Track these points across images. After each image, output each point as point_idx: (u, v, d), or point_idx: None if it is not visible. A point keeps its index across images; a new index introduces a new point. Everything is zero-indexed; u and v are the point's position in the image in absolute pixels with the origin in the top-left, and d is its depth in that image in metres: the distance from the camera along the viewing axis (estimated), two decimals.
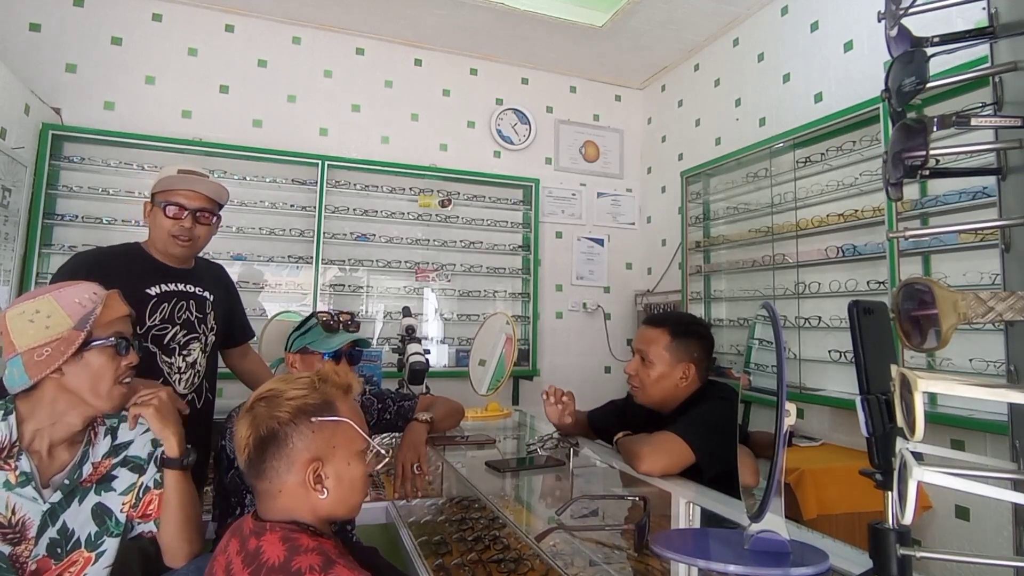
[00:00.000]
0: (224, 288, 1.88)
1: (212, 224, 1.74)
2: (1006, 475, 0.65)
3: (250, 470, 0.98)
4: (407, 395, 1.92)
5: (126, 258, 1.69)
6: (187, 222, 1.66)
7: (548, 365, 3.89)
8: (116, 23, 3.22)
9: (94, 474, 1.18)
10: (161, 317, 1.65)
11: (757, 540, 0.89)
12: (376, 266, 3.54)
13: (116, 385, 1.15)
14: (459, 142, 3.88)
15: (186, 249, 1.70)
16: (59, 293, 1.13)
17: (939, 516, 2.16)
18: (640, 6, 3.24)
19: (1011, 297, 0.62)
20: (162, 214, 1.65)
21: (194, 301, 1.74)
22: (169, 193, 1.66)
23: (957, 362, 2.02)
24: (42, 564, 1.09)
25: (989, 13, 0.76)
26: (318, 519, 0.98)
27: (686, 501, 1.23)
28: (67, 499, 1.14)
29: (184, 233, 1.67)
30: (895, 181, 0.77)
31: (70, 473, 1.15)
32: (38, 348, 1.08)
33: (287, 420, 0.97)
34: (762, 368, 1.01)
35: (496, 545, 1.52)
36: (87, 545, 1.15)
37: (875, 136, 2.37)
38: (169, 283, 1.69)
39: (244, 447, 0.98)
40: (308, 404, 0.99)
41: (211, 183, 1.71)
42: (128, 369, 1.18)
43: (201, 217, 1.69)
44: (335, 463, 0.98)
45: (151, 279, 1.67)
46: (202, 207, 1.69)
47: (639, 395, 1.70)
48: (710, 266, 3.41)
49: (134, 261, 1.69)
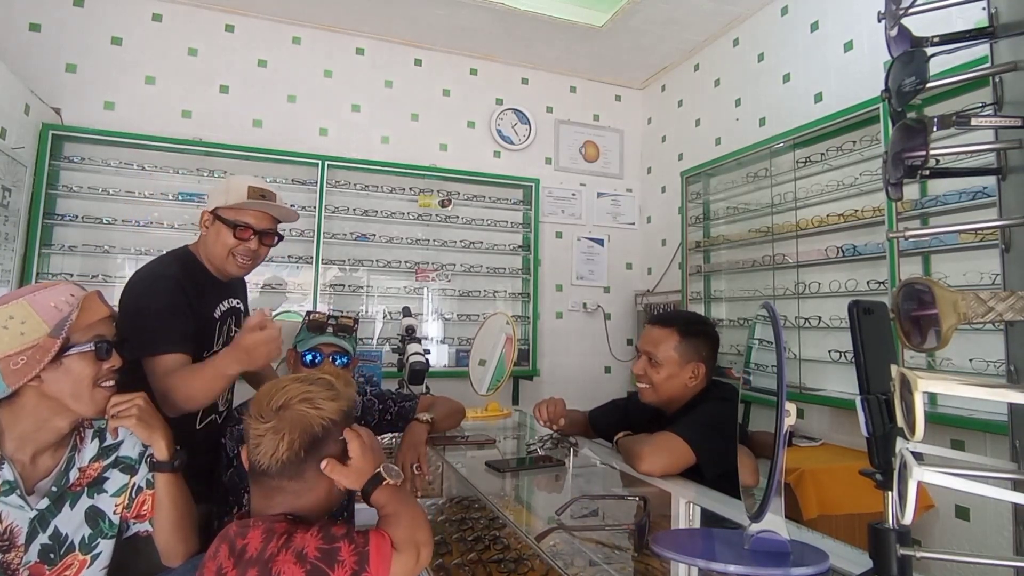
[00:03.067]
0: (246, 293, 1.87)
1: (273, 245, 1.68)
2: (1006, 475, 0.65)
3: (284, 471, 0.99)
4: (408, 395, 1.92)
5: (192, 273, 1.58)
6: (253, 243, 1.58)
7: (548, 365, 3.89)
8: (116, 23, 3.23)
9: (84, 478, 1.17)
10: (222, 341, 1.59)
11: (757, 540, 0.89)
12: (376, 266, 3.54)
13: (97, 389, 1.13)
14: (459, 142, 3.88)
15: (243, 270, 1.63)
16: (34, 297, 1.10)
17: (939, 516, 2.17)
18: (640, 6, 3.24)
19: (1011, 297, 0.62)
20: (228, 232, 1.56)
21: (234, 316, 1.70)
22: (239, 212, 1.57)
23: (957, 362, 2.02)
24: (35, 570, 1.09)
25: (989, 13, 0.76)
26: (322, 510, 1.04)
27: (686, 501, 1.23)
28: (56, 504, 1.12)
29: (248, 255, 1.59)
30: (895, 181, 0.77)
31: (56, 479, 1.13)
32: (13, 356, 1.04)
33: (336, 420, 1.02)
34: (762, 368, 1.01)
35: (496, 545, 1.52)
36: (81, 548, 1.14)
37: (875, 136, 2.37)
38: (224, 301, 1.64)
39: (284, 449, 0.97)
40: (347, 406, 1.05)
41: (284, 210, 1.64)
42: (111, 372, 1.15)
43: (265, 239, 1.62)
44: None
45: (214, 300, 1.60)
46: (269, 228, 1.62)
47: (648, 395, 1.69)
48: (710, 266, 3.41)
49: (197, 276, 1.59)
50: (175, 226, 3.14)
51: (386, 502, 1.01)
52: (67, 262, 3.01)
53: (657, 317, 1.79)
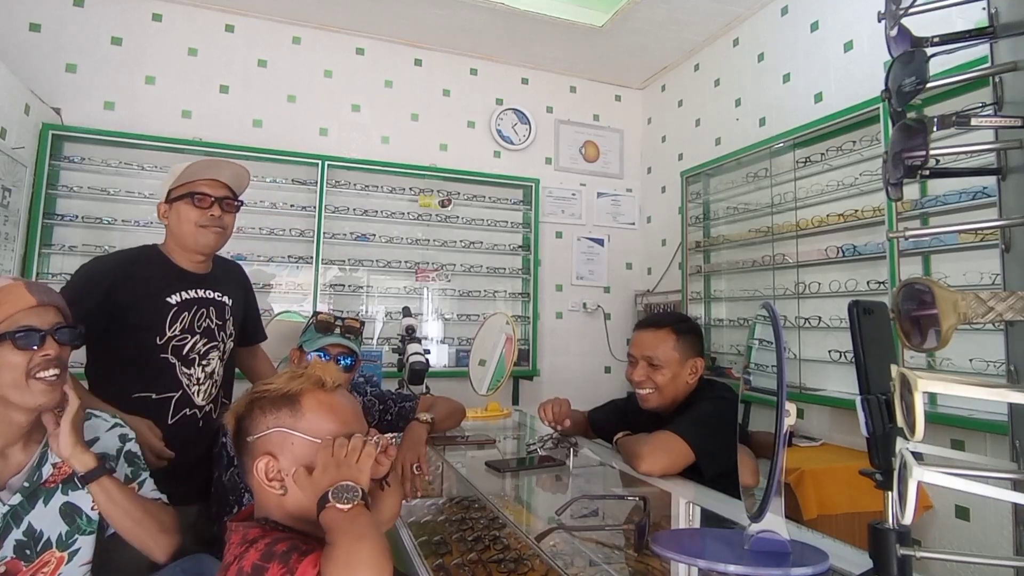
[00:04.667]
0: (243, 289, 1.84)
1: (235, 211, 1.70)
2: (1006, 475, 0.65)
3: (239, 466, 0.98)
4: (408, 395, 1.92)
5: (145, 263, 1.63)
6: (215, 210, 1.61)
7: (548, 365, 3.89)
8: (116, 23, 3.22)
9: (58, 474, 1.16)
10: (181, 327, 1.59)
11: (757, 540, 0.89)
12: (376, 266, 3.54)
13: (33, 380, 1.09)
14: (459, 142, 3.88)
15: (219, 236, 1.65)
16: None
17: (939, 516, 2.16)
18: (640, 6, 3.24)
19: (1011, 297, 0.62)
20: (187, 207, 1.59)
21: (214, 308, 1.68)
22: (191, 184, 1.61)
23: (957, 362, 2.01)
24: (11, 566, 1.08)
25: (989, 13, 0.76)
26: (288, 516, 0.93)
27: (686, 501, 1.24)
28: (30, 500, 1.12)
29: (215, 223, 1.62)
30: (895, 181, 0.76)
31: (29, 475, 1.13)
32: None
33: (244, 412, 0.96)
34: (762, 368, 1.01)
35: (496, 545, 1.52)
36: (58, 545, 1.13)
37: (875, 136, 2.37)
38: (189, 290, 1.63)
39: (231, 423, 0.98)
40: (265, 395, 0.95)
41: (234, 166, 1.66)
42: (46, 361, 1.11)
43: (226, 205, 1.65)
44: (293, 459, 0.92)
45: (171, 287, 1.61)
46: (225, 195, 1.65)
47: (652, 400, 1.66)
48: (710, 266, 3.41)
49: (153, 266, 1.62)
50: None
51: (329, 527, 0.83)
52: (67, 262, 3.01)
53: (645, 321, 1.78)
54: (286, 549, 0.83)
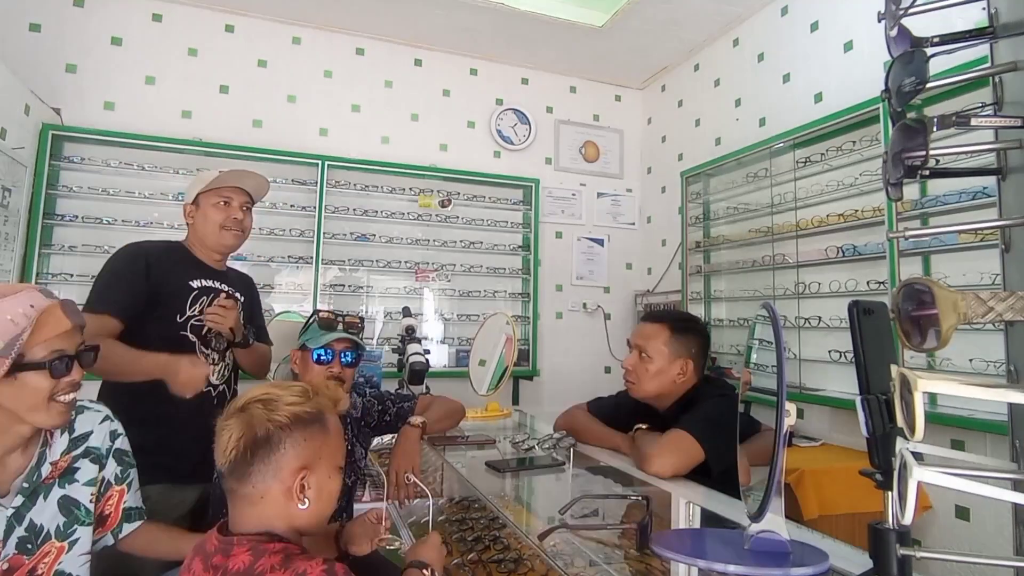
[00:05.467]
0: (250, 296, 1.97)
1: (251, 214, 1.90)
2: (1006, 475, 0.65)
3: (233, 472, 0.97)
4: (407, 396, 1.92)
5: (174, 251, 1.81)
6: (238, 212, 1.81)
7: (548, 365, 3.89)
8: (116, 23, 3.22)
9: (55, 470, 1.18)
10: (200, 309, 1.73)
11: (757, 540, 0.89)
12: (376, 266, 3.54)
13: (53, 403, 1.09)
14: (459, 142, 3.87)
15: (238, 238, 1.83)
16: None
17: (939, 516, 2.16)
18: (640, 6, 3.24)
19: (1011, 297, 0.62)
20: (213, 208, 1.79)
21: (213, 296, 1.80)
22: (219, 191, 1.80)
23: (957, 362, 2.01)
24: (14, 561, 1.09)
25: (989, 13, 0.76)
26: (292, 530, 0.97)
27: (686, 501, 1.24)
28: (31, 499, 1.13)
29: (237, 224, 1.81)
30: (895, 181, 0.76)
31: (29, 476, 1.14)
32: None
33: (284, 424, 0.97)
34: (762, 368, 1.01)
35: (496, 545, 1.52)
36: (57, 536, 1.15)
37: (875, 136, 2.37)
38: (208, 279, 1.80)
39: (231, 448, 0.96)
40: (305, 412, 1.00)
41: (257, 177, 1.87)
42: (70, 385, 1.11)
43: (245, 207, 1.85)
44: (319, 474, 0.99)
45: (192, 273, 1.77)
46: (246, 201, 1.86)
47: (634, 390, 1.70)
48: (710, 266, 3.41)
49: (179, 254, 1.80)
50: (175, 226, 3.12)
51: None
52: (67, 262, 3.01)
53: (650, 314, 1.80)
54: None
